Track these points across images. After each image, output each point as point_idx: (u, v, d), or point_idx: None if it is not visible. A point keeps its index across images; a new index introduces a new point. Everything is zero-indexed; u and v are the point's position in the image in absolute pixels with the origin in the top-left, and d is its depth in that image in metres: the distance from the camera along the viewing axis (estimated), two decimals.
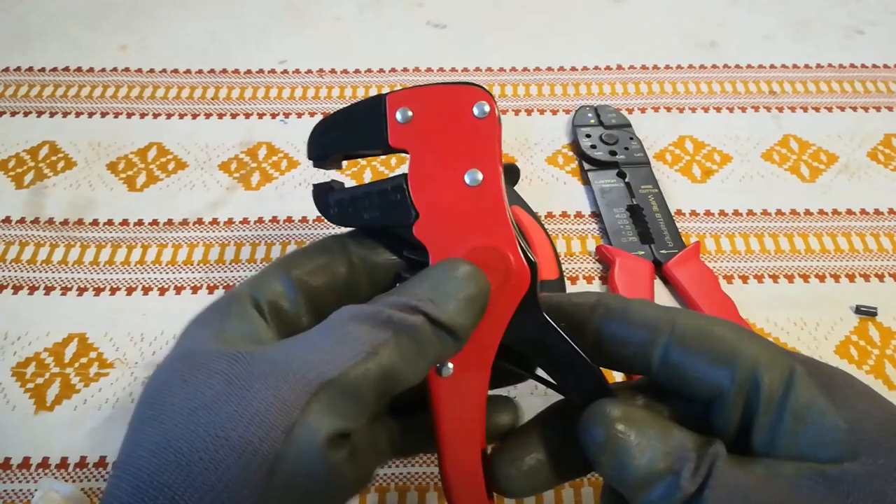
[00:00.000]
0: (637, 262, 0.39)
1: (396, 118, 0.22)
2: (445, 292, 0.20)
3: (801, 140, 0.47)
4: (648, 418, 0.20)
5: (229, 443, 0.17)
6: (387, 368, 0.18)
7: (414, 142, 0.22)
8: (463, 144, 0.22)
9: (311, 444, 0.17)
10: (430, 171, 0.22)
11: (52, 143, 0.46)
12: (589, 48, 0.54)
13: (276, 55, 0.53)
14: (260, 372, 0.18)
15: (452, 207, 0.22)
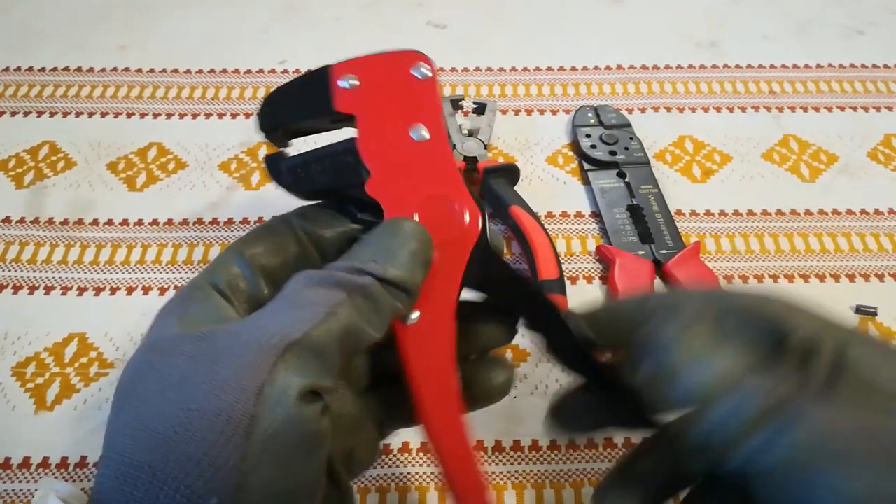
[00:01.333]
0: (637, 262, 0.39)
1: (341, 85, 0.24)
2: (387, 251, 0.21)
3: (801, 140, 0.47)
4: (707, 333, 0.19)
5: (202, 413, 0.17)
6: (347, 326, 0.19)
7: (360, 106, 0.23)
8: (407, 104, 0.23)
9: (282, 401, 0.18)
10: (378, 131, 0.23)
11: (52, 142, 0.46)
12: (589, 48, 0.54)
13: (276, 55, 0.53)
14: (224, 345, 0.19)
15: (402, 163, 0.23)
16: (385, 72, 0.24)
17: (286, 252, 0.23)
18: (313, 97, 0.24)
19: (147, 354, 0.20)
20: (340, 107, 0.24)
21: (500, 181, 0.42)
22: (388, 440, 0.33)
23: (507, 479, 0.32)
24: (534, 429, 0.33)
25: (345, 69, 0.24)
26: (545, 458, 0.32)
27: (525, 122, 0.48)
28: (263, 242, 0.23)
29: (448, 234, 0.23)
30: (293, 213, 0.25)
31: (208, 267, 0.23)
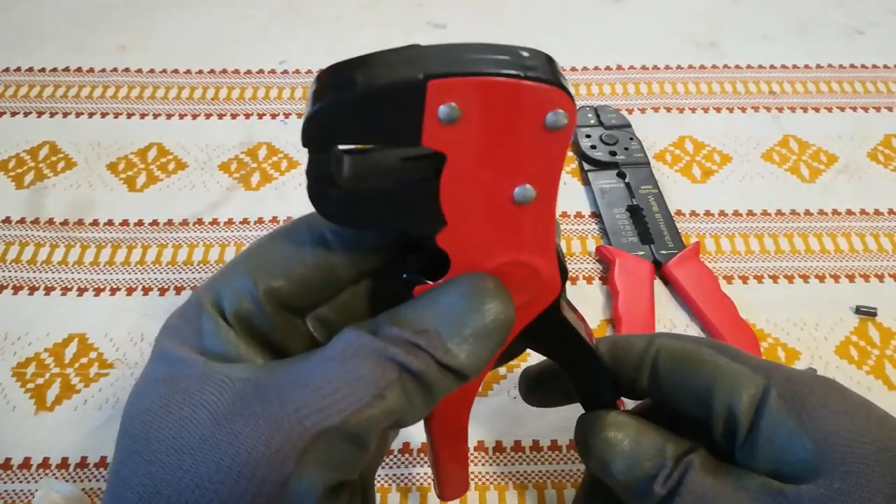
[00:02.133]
0: (637, 263, 0.39)
1: (439, 115, 0.16)
2: (456, 326, 0.18)
3: (801, 140, 0.47)
4: (635, 424, 0.22)
5: (218, 496, 0.16)
6: (392, 412, 0.17)
7: (456, 145, 0.17)
8: (521, 155, 0.17)
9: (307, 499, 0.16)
10: (471, 179, 0.17)
11: (52, 143, 0.46)
12: (589, 48, 0.54)
13: (276, 55, 0.53)
14: (250, 412, 0.16)
15: (491, 222, 0.18)
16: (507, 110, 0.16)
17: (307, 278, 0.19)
18: (394, 121, 0.16)
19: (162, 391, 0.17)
20: (430, 142, 0.17)
21: None
22: None
23: (509, 479, 0.32)
24: (535, 429, 0.33)
25: (449, 92, 0.16)
26: (546, 459, 0.32)
27: None
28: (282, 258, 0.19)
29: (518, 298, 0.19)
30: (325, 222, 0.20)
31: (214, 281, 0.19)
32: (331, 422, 0.16)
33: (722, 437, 0.21)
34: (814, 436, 0.19)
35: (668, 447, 0.21)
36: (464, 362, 0.17)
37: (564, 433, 0.33)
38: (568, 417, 0.24)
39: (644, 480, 0.21)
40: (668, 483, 0.20)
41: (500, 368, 0.36)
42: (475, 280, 0.18)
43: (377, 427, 0.17)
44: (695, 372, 0.22)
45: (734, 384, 0.21)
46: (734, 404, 0.21)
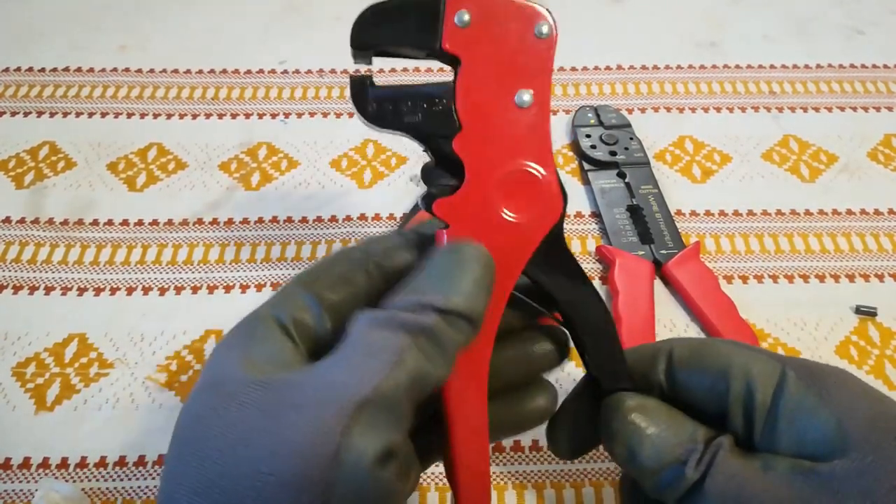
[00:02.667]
0: (637, 263, 0.39)
1: (454, 20, 0.21)
2: (448, 279, 0.20)
3: (801, 140, 0.47)
4: (662, 409, 0.22)
5: (275, 478, 0.17)
6: (415, 373, 0.18)
7: (468, 49, 0.21)
8: (518, 62, 0.21)
9: (359, 467, 0.17)
10: (480, 85, 0.21)
11: (52, 143, 0.46)
12: (589, 48, 0.53)
13: (276, 55, 0.53)
14: (294, 401, 0.18)
15: (497, 125, 0.21)
16: (505, 19, 0.21)
17: (353, 285, 0.22)
18: (421, 25, 0.21)
19: (209, 397, 0.19)
20: (449, 45, 0.21)
21: None
22: None
23: (508, 479, 0.32)
24: (535, 430, 0.33)
25: (461, 2, 0.21)
26: (546, 459, 0.32)
27: None
28: (329, 275, 0.22)
29: (527, 214, 0.21)
30: (361, 244, 0.24)
31: (273, 298, 0.22)
32: (364, 393, 0.17)
33: (740, 423, 0.21)
34: (836, 413, 0.19)
35: (698, 430, 0.21)
36: (462, 303, 0.19)
37: None
38: None
39: (674, 467, 0.20)
40: (700, 466, 0.20)
41: None
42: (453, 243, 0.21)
43: (404, 388, 0.18)
44: (710, 359, 0.22)
45: (750, 368, 0.21)
46: (752, 386, 0.21)
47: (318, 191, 0.45)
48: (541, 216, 0.22)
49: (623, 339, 0.36)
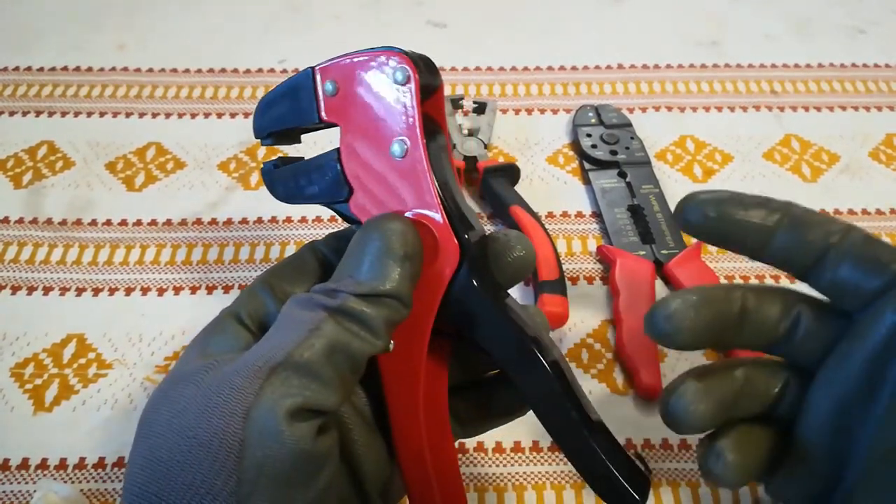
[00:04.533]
0: (638, 263, 0.38)
1: (325, 90, 0.22)
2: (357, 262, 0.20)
3: (802, 140, 0.47)
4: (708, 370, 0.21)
5: (198, 440, 0.18)
6: (332, 342, 0.19)
7: (342, 114, 0.22)
8: (386, 114, 0.21)
9: (269, 423, 0.18)
10: (359, 144, 0.22)
11: (51, 142, 0.46)
12: (590, 47, 0.53)
13: (275, 54, 0.52)
14: (225, 373, 0.19)
15: (381, 181, 0.22)
16: (363, 75, 0.21)
17: (307, 276, 0.23)
18: (300, 103, 0.23)
19: (165, 385, 0.20)
20: (327, 114, 0.22)
21: (501, 181, 0.42)
22: None
23: (508, 480, 0.32)
24: (535, 430, 0.33)
25: (326, 73, 0.22)
26: (546, 459, 0.32)
27: (525, 122, 0.48)
28: (286, 269, 0.23)
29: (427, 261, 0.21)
30: (321, 240, 0.25)
31: (235, 300, 0.23)
32: (277, 359, 0.19)
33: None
34: None
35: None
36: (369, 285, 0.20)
37: None
38: None
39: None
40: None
41: None
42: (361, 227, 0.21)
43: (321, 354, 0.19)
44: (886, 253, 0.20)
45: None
46: None
47: None
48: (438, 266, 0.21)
49: (624, 340, 0.35)
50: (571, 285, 0.39)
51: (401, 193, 0.21)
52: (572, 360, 0.36)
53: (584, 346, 0.36)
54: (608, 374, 0.35)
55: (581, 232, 0.42)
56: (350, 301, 0.20)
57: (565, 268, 0.39)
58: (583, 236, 0.41)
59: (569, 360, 0.36)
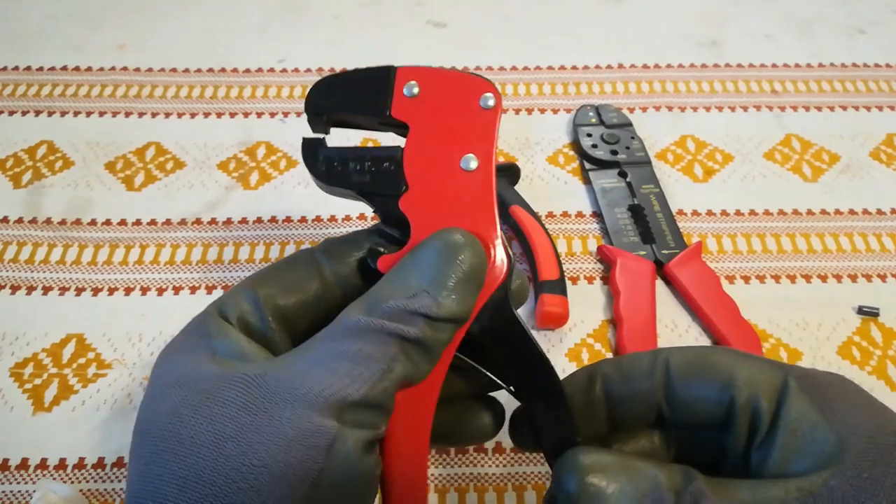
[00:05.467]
0: (638, 263, 0.38)
1: (403, 91, 0.23)
2: (439, 277, 0.20)
3: (803, 139, 0.47)
4: (619, 462, 0.20)
5: (268, 469, 0.18)
6: (402, 378, 0.20)
7: (416, 117, 0.23)
8: (464, 130, 0.22)
9: (350, 457, 0.19)
10: (427, 149, 0.22)
11: (50, 142, 0.46)
12: (590, 47, 0.53)
13: (275, 54, 0.52)
14: (280, 398, 0.19)
15: (443, 187, 0.22)
16: (452, 91, 0.23)
17: (305, 291, 0.23)
18: (372, 95, 0.23)
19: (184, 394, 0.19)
20: (397, 113, 0.23)
21: (501, 181, 0.42)
22: None
23: (508, 480, 0.32)
24: None
25: (410, 75, 0.23)
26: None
27: (525, 122, 0.48)
28: (280, 280, 0.22)
29: None
30: (318, 248, 0.24)
31: (219, 298, 0.22)
32: (354, 397, 0.19)
33: (744, 435, 0.20)
34: (836, 427, 0.19)
35: (660, 478, 0.19)
36: (455, 310, 0.20)
37: None
38: None
39: None
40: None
41: None
42: (445, 235, 0.21)
43: (391, 393, 0.19)
44: (711, 370, 0.21)
45: (754, 378, 0.20)
46: (757, 397, 0.20)
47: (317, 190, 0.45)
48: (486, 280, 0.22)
49: (624, 340, 0.35)
50: (572, 285, 0.39)
51: (461, 203, 0.22)
52: (572, 360, 0.36)
53: (585, 346, 0.36)
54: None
55: (581, 232, 0.42)
56: (426, 331, 0.20)
57: (565, 268, 0.39)
58: (583, 236, 0.41)
59: (569, 360, 0.36)
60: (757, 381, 0.20)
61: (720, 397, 0.21)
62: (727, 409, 0.21)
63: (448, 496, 0.31)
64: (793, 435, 0.19)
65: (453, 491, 0.31)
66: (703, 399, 0.21)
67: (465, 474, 0.32)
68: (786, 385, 0.20)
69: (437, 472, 0.32)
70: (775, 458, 0.19)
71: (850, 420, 0.19)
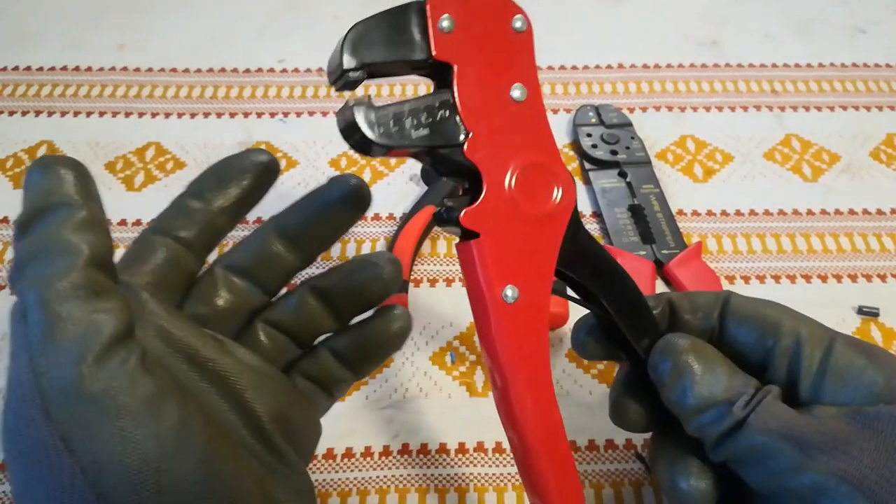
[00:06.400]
0: (638, 263, 0.38)
1: (440, 26, 0.21)
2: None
3: (803, 139, 0.47)
4: (715, 354, 0.23)
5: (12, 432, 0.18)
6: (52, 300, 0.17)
7: (458, 54, 0.21)
8: (504, 59, 0.22)
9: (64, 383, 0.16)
10: (477, 86, 0.21)
11: (50, 142, 0.46)
12: (590, 47, 0.53)
13: (275, 54, 0.52)
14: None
15: (501, 124, 0.21)
16: (483, 17, 0.21)
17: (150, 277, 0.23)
18: (410, 37, 0.21)
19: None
20: (440, 53, 0.21)
21: None
22: (387, 442, 0.33)
23: (509, 481, 0.32)
24: None
25: (441, 6, 0.21)
26: None
27: None
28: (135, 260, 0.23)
29: (545, 206, 0.22)
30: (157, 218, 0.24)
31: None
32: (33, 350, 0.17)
33: (783, 378, 0.22)
34: (884, 371, 0.20)
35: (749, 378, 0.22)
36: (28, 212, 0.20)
37: (570, 433, 0.33)
38: (569, 417, 0.23)
39: (722, 406, 0.21)
40: (747, 407, 0.21)
41: None
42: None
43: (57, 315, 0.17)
44: (764, 313, 0.23)
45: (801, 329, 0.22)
46: (800, 344, 0.22)
47: None
48: (561, 204, 0.22)
49: None
50: None
51: (521, 134, 0.22)
52: (573, 360, 0.36)
53: None
54: (609, 374, 0.35)
55: None
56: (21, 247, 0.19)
57: None
58: None
59: (569, 360, 0.36)
60: (802, 332, 0.22)
61: (764, 340, 0.23)
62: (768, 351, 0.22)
63: (448, 496, 0.31)
64: (841, 379, 0.21)
65: (453, 491, 0.31)
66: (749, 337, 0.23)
67: (465, 474, 0.32)
68: (833, 340, 0.22)
69: (437, 473, 0.32)
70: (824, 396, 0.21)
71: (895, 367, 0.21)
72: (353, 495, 0.31)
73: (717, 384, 0.21)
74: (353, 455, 0.32)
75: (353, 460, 0.32)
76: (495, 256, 0.21)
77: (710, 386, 0.21)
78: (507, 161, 0.21)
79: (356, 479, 0.32)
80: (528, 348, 0.21)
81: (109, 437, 0.16)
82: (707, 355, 0.22)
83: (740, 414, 0.20)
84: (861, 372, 0.21)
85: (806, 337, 0.22)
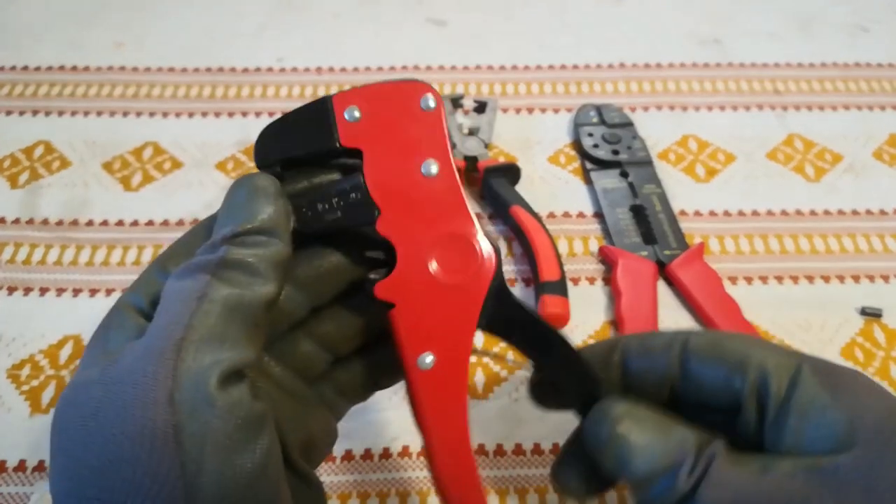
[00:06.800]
0: (640, 263, 0.38)
1: (345, 117, 0.22)
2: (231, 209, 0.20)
3: (805, 139, 0.47)
4: (650, 416, 0.21)
5: (126, 436, 0.17)
6: (224, 300, 0.19)
7: (366, 139, 0.22)
8: (414, 138, 0.22)
9: (199, 398, 0.17)
10: (386, 166, 0.22)
11: (48, 142, 0.46)
12: (591, 46, 0.53)
13: (273, 53, 0.52)
14: (127, 364, 0.18)
15: (412, 200, 0.22)
16: (391, 103, 0.23)
17: None
18: (316, 130, 0.23)
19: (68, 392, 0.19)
20: (346, 141, 0.22)
21: (501, 181, 0.41)
22: (387, 444, 0.32)
23: (510, 483, 0.31)
24: (536, 432, 0.33)
25: (347, 100, 0.23)
26: (547, 462, 0.32)
27: (526, 121, 0.48)
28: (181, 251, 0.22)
29: (464, 274, 0.22)
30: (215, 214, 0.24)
31: (131, 285, 0.22)
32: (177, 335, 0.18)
33: (753, 416, 0.21)
34: (847, 410, 0.19)
35: (689, 437, 0.20)
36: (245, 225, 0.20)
37: (566, 436, 0.33)
38: (570, 420, 0.23)
39: (666, 476, 0.20)
40: (692, 476, 0.19)
41: (501, 371, 0.35)
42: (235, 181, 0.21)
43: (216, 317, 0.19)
44: (727, 350, 0.22)
45: (767, 361, 0.21)
46: (767, 378, 0.20)
47: None
48: (480, 273, 0.22)
49: None
50: (573, 286, 0.39)
51: (434, 208, 0.22)
52: None
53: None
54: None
55: (582, 232, 0.41)
56: (231, 252, 0.19)
57: (567, 269, 0.39)
58: (584, 237, 0.41)
59: None
60: (768, 365, 0.21)
61: (731, 379, 0.21)
62: (737, 390, 0.21)
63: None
64: (804, 417, 0.20)
65: None
66: (715, 377, 0.21)
67: None
68: (798, 370, 0.20)
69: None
70: (787, 440, 0.20)
71: (860, 402, 0.19)
72: (352, 498, 0.31)
73: (655, 450, 0.20)
74: (353, 458, 0.32)
75: (353, 463, 0.32)
76: (410, 325, 0.22)
77: (648, 456, 0.20)
78: (421, 234, 0.22)
79: (356, 482, 0.31)
80: (445, 410, 0.22)
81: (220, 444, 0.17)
82: (643, 418, 0.21)
83: (686, 486, 0.19)
84: (822, 412, 0.19)
85: (771, 370, 0.21)
